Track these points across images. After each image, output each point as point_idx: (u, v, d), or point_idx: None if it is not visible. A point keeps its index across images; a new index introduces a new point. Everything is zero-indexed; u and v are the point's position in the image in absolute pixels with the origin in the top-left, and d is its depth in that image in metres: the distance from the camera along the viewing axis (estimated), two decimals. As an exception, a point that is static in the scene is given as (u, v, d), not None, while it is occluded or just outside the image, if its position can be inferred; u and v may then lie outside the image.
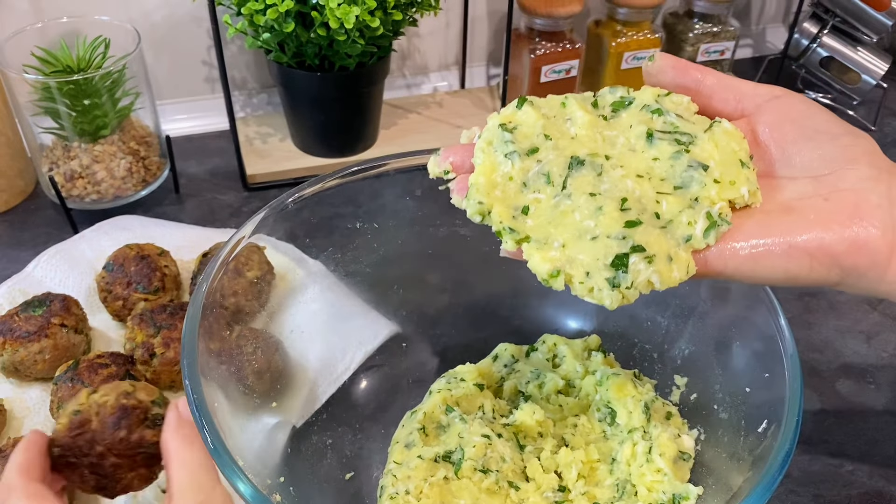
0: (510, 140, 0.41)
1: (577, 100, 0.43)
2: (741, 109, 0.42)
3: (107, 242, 0.76)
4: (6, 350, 0.63)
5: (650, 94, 0.43)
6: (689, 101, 0.43)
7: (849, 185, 0.38)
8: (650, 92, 0.43)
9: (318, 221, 0.60)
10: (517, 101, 0.43)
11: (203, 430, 0.43)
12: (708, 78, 0.43)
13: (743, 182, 0.40)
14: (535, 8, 0.91)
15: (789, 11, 1.19)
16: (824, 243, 0.37)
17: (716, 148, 0.40)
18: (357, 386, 0.63)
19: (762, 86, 0.42)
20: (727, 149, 0.40)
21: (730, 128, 0.41)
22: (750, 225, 0.39)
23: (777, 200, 0.40)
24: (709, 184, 0.39)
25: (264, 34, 0.80)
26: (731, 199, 0.39)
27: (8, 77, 0.76)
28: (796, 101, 0.41)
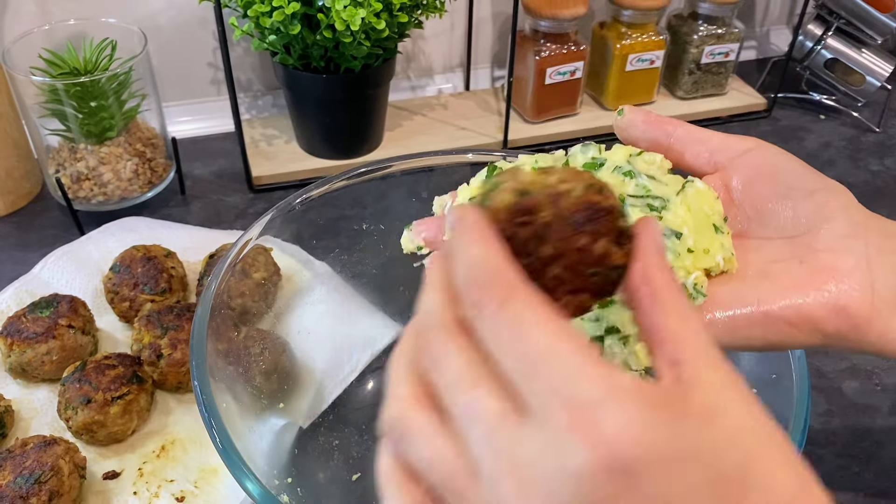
0: None
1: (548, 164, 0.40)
2: (714, 163, 0.41)
3: (113, 244, 0.76)
4: (14, 351, 0.63)
5: (622, 155, 0.41)
6: (661, 160, 0.41)
7: (824, 246, 0.37)
8: (622, 152, 0.41)
9: (324, 223, 0.61)
10: (487, 171, 0.41)
11: (212, 430, 0.44)
12: (679, 130, 0.41)
13: (717, 249, 0.38)
14: (539, 10, 0.91)
15: (793, 13, 1.19)
16: (802, 310, 0.36)
17: (689, 212, 0.39)
18: (363, 387, 0.63)
19: (733, 138, 0.41)
20: (700, 213, 0.39)
21: (702, 188, 0.40)
22: (725, 293, 0.37)
23: (752, 264, 0.38)
24: (683, 253, 0.38)
25: (270, 36, 0.81)
26: (706, 268, 0.38)
27: (15, 79, 0.76)
28: (769, 155, 0.40)
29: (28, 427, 0.62)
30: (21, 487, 0.52)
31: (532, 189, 0.30)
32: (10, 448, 0.56)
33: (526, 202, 0.29)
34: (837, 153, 0.99)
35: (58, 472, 0.54)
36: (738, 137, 0.41)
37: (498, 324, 0.26)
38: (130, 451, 0.60)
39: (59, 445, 0.55)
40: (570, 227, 0.29)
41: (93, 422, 0.58)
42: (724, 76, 1.03)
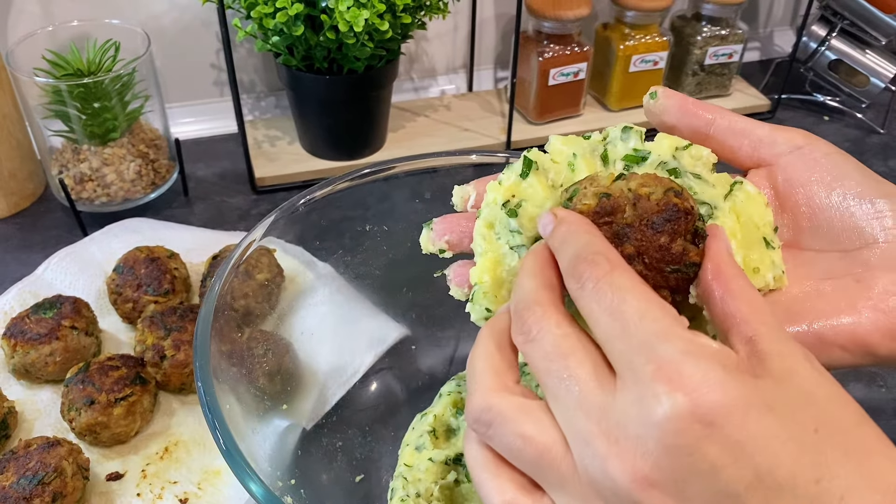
0: (516, 229, 0.35)
1: (587, 160, 0.37)
2: (757, 158, 0.37)
3: (116, 245, 0.76)
4: (17, 352, 0.63)
5: (667, 147, 0.37)
6: (708, 154, 0.37)
7: (883, 263, 0.34)
8: (667, 144, 0.37)
9: (327, 224, 0.60)
10: (522, 166, 0.37)
11: (216, 432, 0.44)
12: (719, 119, 0.37)
13: (768, 268, 0.35)
14: (543, 11, 0.91)
15: (797, 14, 1.19)
16: (857, 334, 0.33)
17: (738, 223, 0.35)
18: (367, 388, 0.63)
19: (780, 131, 0.37)
20: (750, 223, 0.36)
21: (752, 192, 0.36)
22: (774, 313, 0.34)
23: (803, 280, 0.35)
24: None
25: (273, 37, 0.80)
26: None
27: (19, 80, 0.77)
28: (820, 155, 0.36)
29: (31, 428, 0.62)
30: (24, 489, 0.52)
31: (613, 192, 0.32)
32: (13, 449, 0.56)
33: (608, 204, 0.32)
34: (841, 154, 0.98)
35: (61, 473, 0.53)
36: (785, 130, 0.37)
37: (600, 291, 0.28)
38: (134, 453, 0.60)
39: (62, 447, 0.55)
40: (651, 227, 0.32)
41: (96, 423, 0.58)
42: (728, 77, 1.03)
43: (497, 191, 0.36)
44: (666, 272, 0.32)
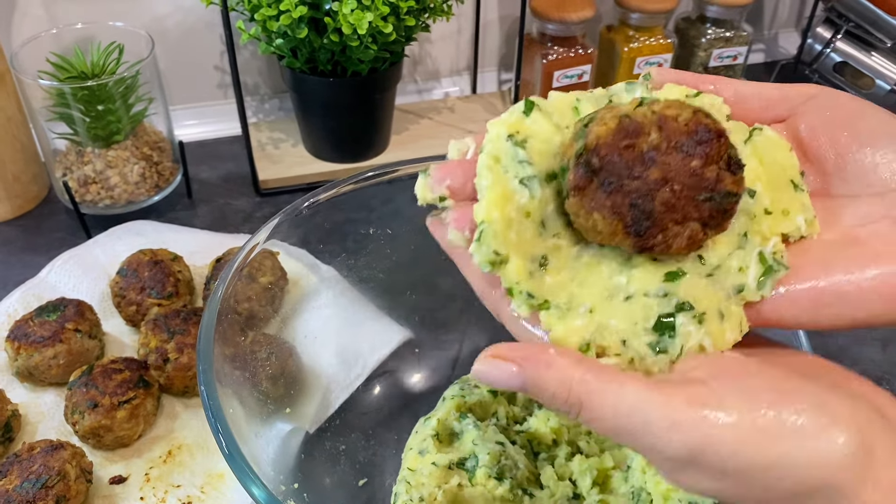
0: (525, 159, 0.32)
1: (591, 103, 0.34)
2: (773, 116, 0.35)
3: (120, 247, 0.76)
4: (21, 355, 0.63)
5: (676, 96, 0.34)
6: (721, 104, 0.34)
7: None
8: (676, 93, 0.34)
9: (331, 227, 0.60)
10: (523, 105, 0.33)
11: (219, 436, 0.43)
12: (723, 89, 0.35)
13: (798, 210, 0.32)
14: (547, 13, 0.91)
15: (802, 16, 1.19)
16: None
17: (761, 165, 0.33)
18: (370, 392, 0.63)
19: (790, 87, 0.35)
20: (774, 165, 0.33)
21: (773, 136, 0.33)
22: (807, 263, 0.31)
23: (837, 227, 0.32)
24: (759, 215, 0.32)
25: (277, 40, 0.80)
26: (784, 233, 0.32)
27: (23, 83, 0.77)
28: (841, 99, 0.33)
29: (35, 431, 0.62)
30: (28, 492, 0.52)
31: (635, 115, 0.29)
32: (17, 452, 0.56)
33: (630, 124, 0.29)
34: (846, 157, 0.98)
35: (64, 476, 0.53)
36: (795, 86, 0.35)
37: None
38: (137, 456, 0.60)
39: (65, 450, 0.55)
40: (680, 149, 0.28)
41: (99, 426, 0.58)
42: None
43: (500, 126, 0.33)
44: (698, 201, 0.29)
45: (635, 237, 0.29)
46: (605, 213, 0.29)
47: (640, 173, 0.28)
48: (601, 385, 0.28)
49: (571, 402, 0.29)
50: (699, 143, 0.28)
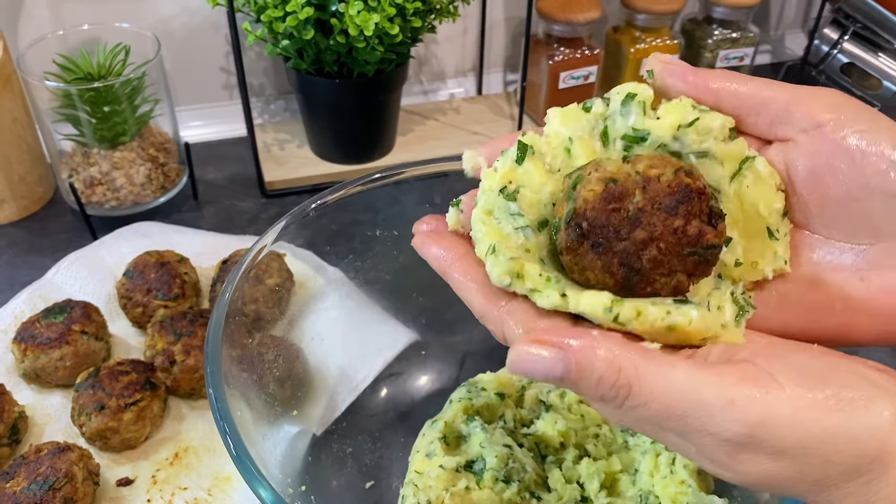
0: (517, 212, 0.34)
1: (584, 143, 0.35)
2: (774, 133, 0.33)
3: (126, 249, 0.76)
4: (28, 357, 0.63)
5: (668, 127, 0.33)
6: (721, 125, 0.33)
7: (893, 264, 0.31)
8: (669, 123, 0.33)
9: (337, 229, 0.60)
10: (517, 151, 0.35)
11: (227, 438, 0.43)
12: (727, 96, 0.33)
13: (768, 261, 0.33)
14: (553, 14, 0.91)
15: (809, 17, 1.18)
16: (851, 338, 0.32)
17: (741, 210, 0.33)
18: (376, 394, 0.63)
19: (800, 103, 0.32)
20: (753, 212, 0.33)
21: (764, 172, 0.33)
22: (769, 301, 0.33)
23: (805, 264, 0.33)
24: (729, 264, 0.34)
25: (283, 41, 0.80)
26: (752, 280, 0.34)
27: (29, 84, 0.77)
28: (842, 138, 0.31)
29: (42, 433, 0.62)
30: (35, 494, 0.52)
31: (619, 177, 0.31)
32: (24, 454, 0.56)
33: (616, 189, 0.31)
34: (853, 158, 0.98)
35: (72, 478, 0.53)
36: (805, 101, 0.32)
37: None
38: (144, 458, 0.60)
39: (73, 452, 0.55)
40: (663, 210, 0.30)
41: (106, 428, 0.58)
42: (739, 80, 1.02)
43: (493, 178, 0.34)
44: (682, 255, 0.31)
45: (625, 290, 0.32)
46: (596, 272, 0.31)
47: (627, 234, 0.31)
48: (652, 366, 0.28)
49: (620, 384, 0.28)
50: (681, 203, 0.30)
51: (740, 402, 0.27)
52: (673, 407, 0.27)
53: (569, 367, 0.28)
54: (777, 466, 0.27)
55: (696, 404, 0.27)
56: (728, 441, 0.27)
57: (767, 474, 0.27)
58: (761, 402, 0.26)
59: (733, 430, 0.27)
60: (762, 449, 0.27)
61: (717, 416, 0.27)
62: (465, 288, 0.33)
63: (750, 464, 0.27)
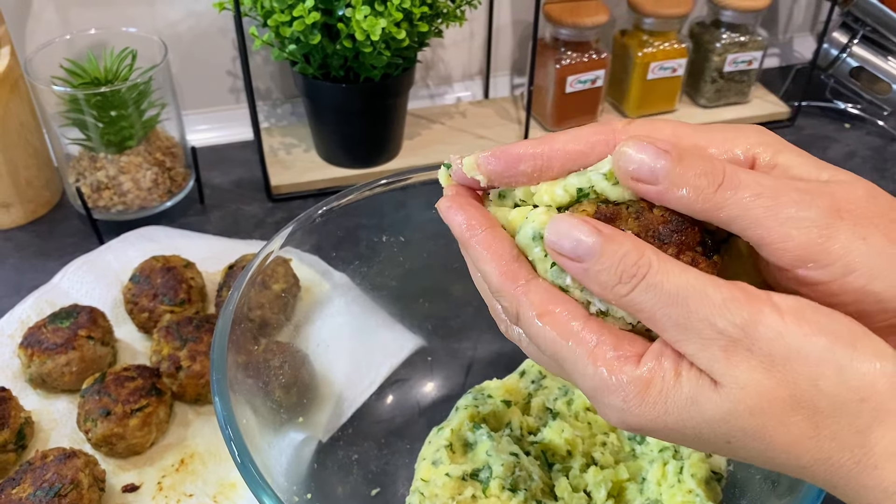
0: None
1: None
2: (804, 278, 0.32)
3: (133, 253, 0.76)
4: (34, 362, 0.63)
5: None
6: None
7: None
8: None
9: (344, 234, 0.60)
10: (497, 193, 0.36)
11: (231, 444, 0.43)
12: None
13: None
14: (561, 18, 0.91)
15: (818, 21, 1.18)
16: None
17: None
18: (382, 400, 0.63)
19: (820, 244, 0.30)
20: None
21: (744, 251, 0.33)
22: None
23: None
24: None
25: (290, 46, 0.80)
26: None
27: (36, 89, 0.77)
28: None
29: (48, 438, 0.62)
30: (41, 500, 0.52)
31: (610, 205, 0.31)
32: (30, 460, 0.56)
33: (608, 210, 0.31)
34: (863, 163, 0.97)
35: (78, 485, 0.53)
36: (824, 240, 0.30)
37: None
38: (149, 464, 0.60)
39: (78, 458, 0.55)
40: (656, 238, 0.30)
41: (112, 434, 0.58)
42: (747, 84, 1.02)
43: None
44: None
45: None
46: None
47: None
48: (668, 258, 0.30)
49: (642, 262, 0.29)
50: (675, 232, 0.30)
51: (739, 300, 0.28)
52: (682, 290, 0.29)
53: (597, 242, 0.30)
54: (769, 381, 0.28)
55: (701, 293, 0.28)
56: (723, 333, 0.28)
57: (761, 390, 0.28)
58: (755, 306, 0.28)
59: (729, 321, 0.28)
60: (753, 351, 0.28)
61: (718, 307, 0.28)
62: (485, 260, 0.33)
63: (743, 368, 0.28)
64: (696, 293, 0.29)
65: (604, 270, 0.30)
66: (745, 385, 0.28)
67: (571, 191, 0.32)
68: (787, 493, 0.44)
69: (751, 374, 0.28)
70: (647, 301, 0.29)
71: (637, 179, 0.30)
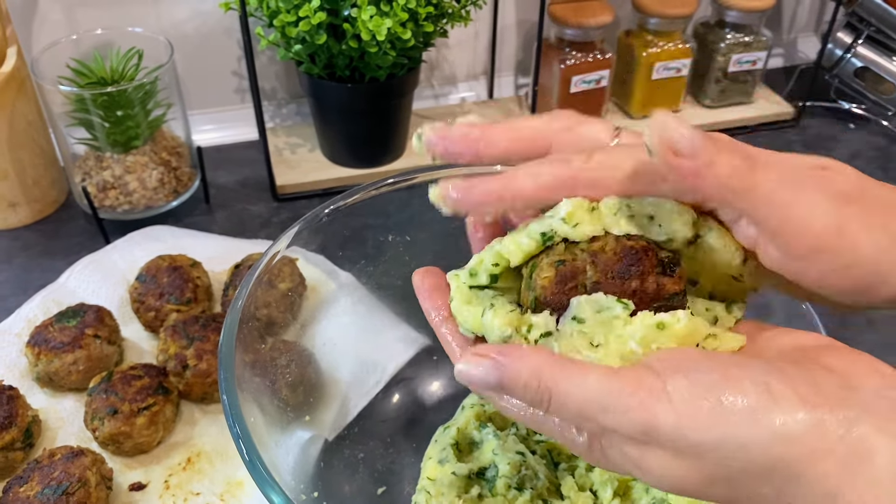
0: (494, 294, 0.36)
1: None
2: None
3: (139, 253, 0.76)
4: (41, 360, 0.63)
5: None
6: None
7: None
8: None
9: (349, 234, 0.60)
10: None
11: (239, 442, 0.43)
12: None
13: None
14: (565, 18, 0.91)
15: (822, 21, 1.18)
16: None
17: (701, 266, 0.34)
18: (388, 400, 0.63)
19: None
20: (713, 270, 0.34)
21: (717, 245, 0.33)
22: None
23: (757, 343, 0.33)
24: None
25: (296, 46, 0.81)
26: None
27: (43, 88, 0.77)
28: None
29: (55, 437, 0.62)
30: (49, 498, 0.52)
31: (567, 258, 0.32)
32: (37, 458, 0.56)
33: (566, 270, 0.32)
34: (867, 163, 0.97)
35: (85, 483, 0.54)
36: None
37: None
38: (156, 463, 0.60)
39: (86, 456, 0.55)
40: (617, 277, 0.31)
41: (119, 432, 0.58)
42: (752, 84, 1.02)
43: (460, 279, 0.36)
44: (655, 308, 0.31)
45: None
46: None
47: None
48: (567, 374, 0.30)
49: (542, 390, 0.30)
50: (631, 265, 0.31)
51: (634, 409, 0.29)
52: (585, 408, 0.29)
53: (501, 376, 0.30)
54: (682, 466, 0.29)
55: (603, 407, 0.29)
56: (632, 439, 0.29)
57: (677, 474, 0.29)
58: (649, 409, 0.28)
59: (631, 429, 0.29)
60: (661, 447, 0.29)
61: (618, 419, 0.29)
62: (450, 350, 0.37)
63: (657, 462, 0.29)
64: (598, 405, 0.29)
65: (515, 402, 0.31)
66: (663, 475, 0.29)
67: (536, 237, 0.33)
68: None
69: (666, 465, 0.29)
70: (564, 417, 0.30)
71: (676, 152, 0.30)
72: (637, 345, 0.31)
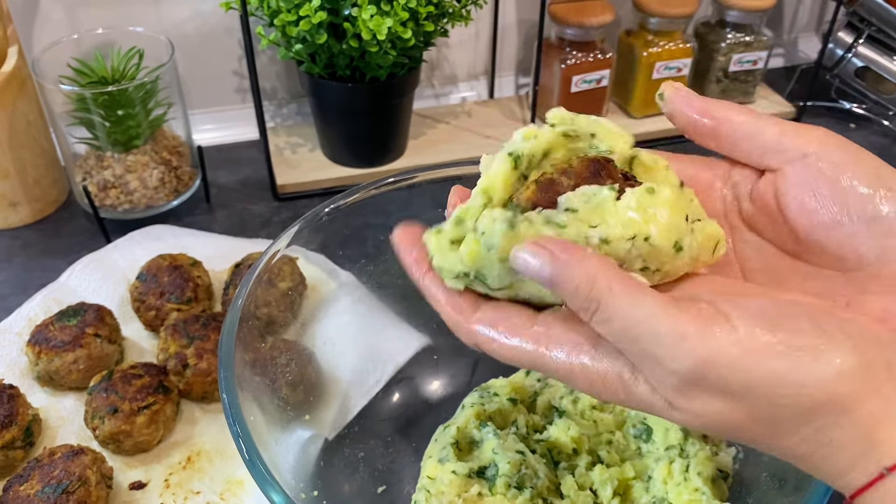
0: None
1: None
2: (766, 164, 0.35)
3: (139, 252, 0.76)
4: (41, 359, 0.63)
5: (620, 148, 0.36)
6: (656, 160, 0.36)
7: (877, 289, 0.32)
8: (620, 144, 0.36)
9: (350, 233, 0.60)
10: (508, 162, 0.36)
11: (239, 441, 0.43)
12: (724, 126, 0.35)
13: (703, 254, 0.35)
14: (566, 17, 0.91)
15: (823, 20, 1.18)
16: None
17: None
18: (388, 399, 0.63)
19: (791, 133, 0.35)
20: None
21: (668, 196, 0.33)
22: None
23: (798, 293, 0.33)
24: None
25: (296, 45, 0.81)
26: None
27: (44, 88, 0.77)
28: (828, 165, 0.33)
29: (55, 435, 0.62)
30: (49, 497, 0.52)
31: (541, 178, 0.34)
32: (38, 457, 0.56)
33: (545, 180, 0.34)
34: (868, 162, 0.97)
35: (85, 482, 0.54)
36: (796, 133, 0.34)
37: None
38: (157, 462, 0.60)
39: (86, 455, 0.55)
40: (591, 180, 0.33)
41: (119, 431, 0.58)
42: (753, 84, 1.02)
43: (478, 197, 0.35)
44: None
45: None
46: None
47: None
48: (623, 288, 0.29)
49: (592, 297, 0.29)
50: (601, 169, 0.34)
51: (691, 337, 0.28)
52: (631, 329, 0.29)
53: (554, 271, 0.30)
54: (726, 407, 0.28)
55: (652, 332, 0.28)
56: (675, 373, 0.28)
57: (717, 415, 0.29)
58: (711, 340, 0.28)
59: (681, 363, 0.28)
60: (709, 386, 0.28)
61: (669, 348, 0.28)
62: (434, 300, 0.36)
63: (699, 401, 0.29)
64: (647, 329, 0.28)
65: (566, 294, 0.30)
66: (701, 414, 0.29)
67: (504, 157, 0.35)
68: (794, 491, 0.44)
69: (708, 406, 0.29)
70: (604, 332, 0.30)
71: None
72: (635, 213, 0.32)
